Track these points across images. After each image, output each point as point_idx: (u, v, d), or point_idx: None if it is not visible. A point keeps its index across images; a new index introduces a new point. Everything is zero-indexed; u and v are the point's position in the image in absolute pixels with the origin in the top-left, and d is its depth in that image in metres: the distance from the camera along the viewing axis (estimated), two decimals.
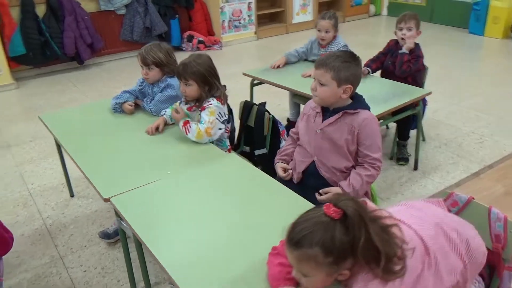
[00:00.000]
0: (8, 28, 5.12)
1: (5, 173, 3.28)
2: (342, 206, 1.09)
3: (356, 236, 1.07)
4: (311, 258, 1.09)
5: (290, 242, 1.12)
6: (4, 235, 1.77)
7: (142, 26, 5.86)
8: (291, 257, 1.14)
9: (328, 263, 1.09)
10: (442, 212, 1.38)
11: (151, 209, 1.70)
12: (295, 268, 1.16)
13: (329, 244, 1.07)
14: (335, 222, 1.08)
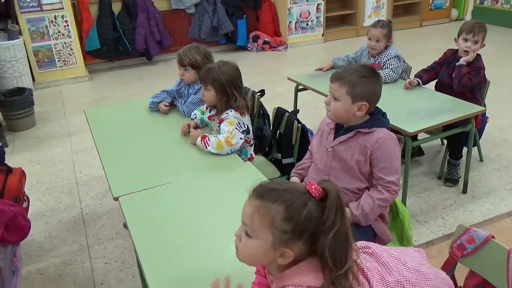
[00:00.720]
0: (86, 24, 5.50)
1: (60, 160, 3.52)
2: (325, 187, 0.99)
3: (329, 223, 0.97)
4: (267, 214, 0.98)
5: (255, 191, 1.03)
6: (21, 223, 1.89)
7: (210, 25, 5.99)
8: (247, 208, 1.03)
9: (282, 231, 0.97)
10: (414, 267, 1.21)
11: (153, 212, 1.72)
12: (244, 220, 1.04)
13: (295, 210, 0.97)
14: (311, 197, 0.98)
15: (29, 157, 3.62)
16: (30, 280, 2.29)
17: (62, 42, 5.24)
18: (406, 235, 1.96)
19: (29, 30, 5.05)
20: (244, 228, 1.04)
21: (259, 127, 2.85)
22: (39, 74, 5.24)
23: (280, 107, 2.60)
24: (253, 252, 1.03)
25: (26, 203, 2.41)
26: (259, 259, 1.06)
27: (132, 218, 1.69)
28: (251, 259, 1.07)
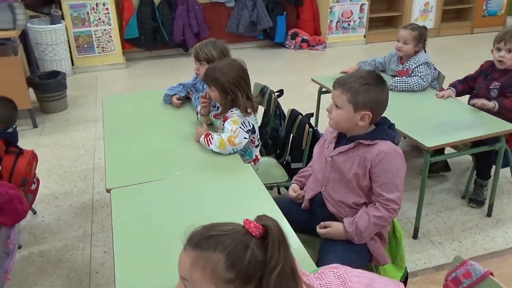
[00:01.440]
0: (127, 13, 5.59)
1: (83, 145, 3.59)
2: (265, 223, 0.92)
3: (273, 262, 0.89)
4: (208, 265, 0.89)
5: (190, 241, 0.93)
6: (16, 206, 1.91)
7: (248, 20, 5.93)
8: (184, 260, 0.93)
9: (226, 280, 0.89)
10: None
11: (140, 209, 1.68)
12: (182, 274, 0.94)
13: (237, 256, 0.89)
14: (252, 238, 0.91)
15: (55, 139, 3.71)
16: (31, 261, 2.33)
17: (102, 29, 5.35)
18: (401, 254, 1.84)
19: (71, 16, 5.19)
20: (184, 284, 0.94)
21: (275, 127, 2.77)
22: (78, 59, 5.38)
23: (295, 109, 2.51)
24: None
25: (35, 186, 2.46)
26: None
27: (118, 212, 1.67)
28: None
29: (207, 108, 2.26)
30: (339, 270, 1.16)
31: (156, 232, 1.56)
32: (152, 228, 1.58)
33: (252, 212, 1.60)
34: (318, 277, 1.12)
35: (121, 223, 1.60)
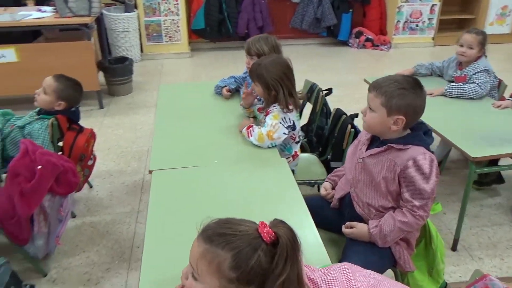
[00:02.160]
0: (196, 4, 5.80)
1: (141, 128, 3.81)
2: (278, 231, 0.96)
3: (278, 270, 0.93)
4: (214, 260, 0.95)
5: (203, 233, 0.99)
6: (70, 179, 2.11)
7: (313, 16, 5.92)
8: (195, 250, 0.99)
9: (228, 279, 0.95)
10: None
11: (177, 191, 1.79)
12: (191, 262, 1.00)
13: (243, 258, 0.93)
14: (262, 243, 0.95)
15: (117, 121, 3.97)
16: (82, 230, 2.55)
17: (170, 19, 5.60)
18: (437, 267, 1.80)
19: (144, 5, 5.47)
20: (191, 270, 1.01)
21: (320, 125, 2.79)
22: (147, 46, 5.68)
23: (339, 109, 2.51)
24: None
25: (91, 161, 2.67)
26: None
27: (156, 193, 1.79)
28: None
29: (247, 100, 2.32)
30: (346, 267, 1.19)
31: (187, 216, 1.65)
32: (184, 211, 1.68)
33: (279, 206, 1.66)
34: (323, 273, 1.16)
35: (157, 204, 1.71)
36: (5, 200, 2.01)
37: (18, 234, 2.03)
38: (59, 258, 2.33)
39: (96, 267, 2.28)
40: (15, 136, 2.43)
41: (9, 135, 2.44)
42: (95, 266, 2.29)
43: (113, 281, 2.20)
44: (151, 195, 1.77)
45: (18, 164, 1.98)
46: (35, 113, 2.47)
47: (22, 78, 3.78)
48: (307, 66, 5.34)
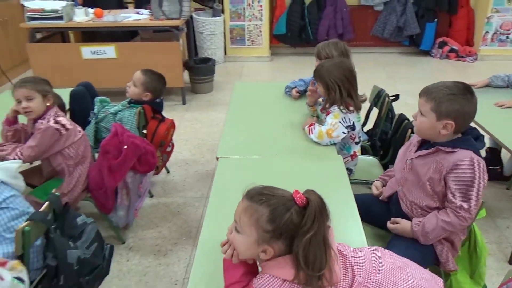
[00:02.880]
0: (279, 10, 6.04)
1: (216, 124, 4.11)
2: (309, 197, 1.13)
3: (306, 228, 1.10)
4: (254, 214, 1.13)
5: (247, 194, 1.18)
6: (149, 160, 2.41)
7: (395, 25, 5.89)
8: (239, 207, 1.18)
9: (265, 230, 1.12)
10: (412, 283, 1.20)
11: (237, 178, 1.99)
12: (235, 217, 1.19)
13: (278, 214, 1.11)
14: (294, 205, 1.12)
15: (197, 115, 4.31)
16: (157, 208, 2.86)
17: (254, 24, 5.89)
18: (480, 270, 1.83)
19: (230, 10, 5.83)
20: (234, 225, 1.20)
21: (385, 130, 2.86)
22: (230, 49, 6.02)
23: (403, 114, 2.57)
24: (240, 246, 1.18)
25: (170, 148, 2.98)
26: (245, 253, 1.19)
27: (220, 177, 2.01)
28: (239, 252, 1.20)
29: (312, 98, 2.47)
30: (377, 249, 1.31)
31: None
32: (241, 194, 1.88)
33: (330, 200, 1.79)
34: (354, 250, 1.29)
35: (219, 188, 1.93)
36: (96, 173, 2.35)
37: (104, 203, 2.36)
38: (135, 230, 2.65)
39: (166, 241, 2.56)
40: (108, 120, 2.80)
41: (103, 120, 2.82)
42: (165, 239, 2.58)
43: (179, 254, 2.46)
44: (216, 179, 1.99)
45: (108, 143, 2.32)
46: (126, 102, 2.82)
47: (119, 72, 4.24)
48: (385, 74, 5.35)
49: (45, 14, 4.16)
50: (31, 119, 2.30)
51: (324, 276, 1.12)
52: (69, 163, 2.32)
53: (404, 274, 1.24)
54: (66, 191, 2.28)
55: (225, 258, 1.28)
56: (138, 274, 2.32)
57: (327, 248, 1.14)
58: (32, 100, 2.22)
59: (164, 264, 2.39)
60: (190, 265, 2.38)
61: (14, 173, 1.78)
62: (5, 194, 1.68)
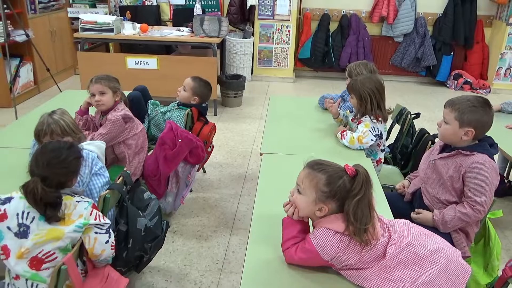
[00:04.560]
0: (305, 35, 6.45)
1: (246, 134, 4.45)
2: (358, 169, 1.45)
3: (355, 192, 1.41)
4: (314, 179, 1.44)
5: (308, 164, 1.49)
6: (199, 153, 2.74)
7: (413, 56, 6.27)
8: (301, 174, 1.49)
9: (322, 191, 1.43)
10: (436, 247, 1.51)
11: (276, 171, 2.30)
12: (298, 181, 1.49)
13: (333, 179, 1.43)
14: (346, 174, 1.44)
15: (227, 126, 4.65)
16: (196, 201, 3.18)
17: (281, 47, 6.30)
18: (492, 263, 2.10)
19: (260, 33, 6.25)
20: (297, 188, 1.52)
21: (406, 144, 3.17)
22: (257, 69, 6.42)
23: (424, 128, 2.89)
24: (301, 204, 1.50)
25: (210, 149, 3.31)
26: (304, 210, 1.50)
27: (265, 171, 2.32)
28: (299, 210, 1.51)
29: (332, 109, 2.82)
30: (407, 221, 1.61)
31: (283, 187, 2.16)
32: (281, 184, 2.18)
33: None
34: (390, 219, 1.60)
35: (265, 180, 2.23)
36: (152, 162, 2.68)
37: (157, 189, 2.68)
38: (178, 217, 2.96)
39: (206, 228, 2.87)
40: (158, 119, 3.15)
41: (154, 118, 3.16)
42: (205, 227, 2.88)
43: (218, 239, 2.76)
44: (261, 171, 2.30)
45: (165, 136, 2.65)
46: (175, 104, 3.17)
47: (159, 82, 4.62)
48: (402, 100, 5.67)
49: (97, 26, 4.59)
50: (101, 111, 2.65)
51: (368, 230, 1.42)
52: (130, 152, 2.65)
53: (430, 239, 1.54)
54: None
55: (284, 219, 1.60)
56: (183, 253, 2.62)
57: (371, 209, 1.45)
58: (104, 95, 2.57)
59: (206, 246, 2.69)
60: (229, 248, 2.68)
61: (102, 150, 2.12)
62: (100, 164, 2.02)
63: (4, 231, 1.52)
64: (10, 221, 1.53)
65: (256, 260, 1.62)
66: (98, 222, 1.68)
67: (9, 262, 1.53)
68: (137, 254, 2.09)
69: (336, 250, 1.44)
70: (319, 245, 1.45)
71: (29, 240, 1.53)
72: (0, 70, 4.80)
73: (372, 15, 6.28)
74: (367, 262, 1.45)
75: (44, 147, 1.67)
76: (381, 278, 1.45)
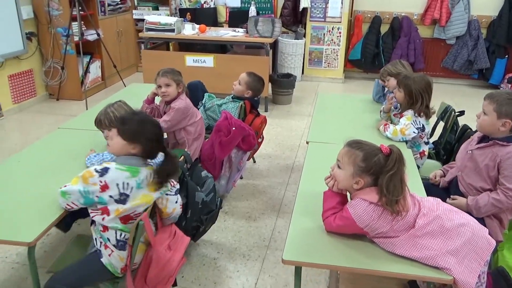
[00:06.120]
0: (356, 37, 6.59)
1: (295, 129, 4.68)
2: (392, 148, 1.66)
3: (388, 168, 1.61)
4: (352, 155, 1.66)
5: (349, 142, 1.72)
6: (251, 140, 3.00)
7: (466, 59, 6.23)
8: (341, 151, 1.71)
9: (359, 166, 1.65)
10: (461, 222, 1.66)
11: (320, 159, 2.49)
12: (338, 157, 1.72)
13: (369, 156, 1.64)
14: (381, 152, 1.65)
15: (277, 122, 4.89)
16: (246, 187, 3.44)
17: (331, 48, 6.47)
18: None
19: (311, 35, 6.45)
20: (337, 163, 1.74)
21: (449, 141, 3.27)
22: (307, 69, 6.62)
23: (466, 124, 2.99)
24: (340, 177, 1.72)
25: (261, 139, 3.56)
26: (343, 183, 1.72)
27: (310, 157, 2.54)
28: (339, 182, 1.73)
29: (390, 106, 2.96)
30: (437, 198, 1.78)
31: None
32: (325, 170, 2.39)
33: None
34: (420, 196, 1.77)
35: (309, 168, 2.44)
36: (208, 147, 2.97)
37: (212, 171, 2.96)
38: (230, 200, 3.23)
39: (255, 210, 3.12)
40: (214, 110, 3.44)
41: (210, 109, 3.46)
42: (254, 209, 3.13)
43: (266, 221, 3.00)
44: (307, 159, 2.52)
45: (221, 124, 2.94)
46: (230, 97, 3.45)
47: (215, 79, 4.93)
48: (452, 103, 5.64)
49: (161, 26, 4.98)
50: (165, 101, 2.97)
51: (399, 202, 1.61)
52: (189, 138, 2.95)
53: (458, 215, 1.70)
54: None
55: (325, 192, 1.82)
56: (233, 231, 2.88)
57: (403, 184, 1.64)
58: (169, 87, 2.88)
59: (254, 226, 2.94)
60: (275, 229, 2.92)
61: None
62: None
63: (106, 198, 1.80)
64: (111, 190, 1.79)
65: (299, 228, 1.85)
66: (172, 187, 1.96)
67: (105, 219, 1.83)
68: (194, 225, 2.37)
69: (370, 218, 1.64)
70: (355, 213, 1.65)
71: (127, 204, 1.81)
72: (74, 66, 5.32)
73: (424, 17, 6.32)
74: (398, 231, 1.64)
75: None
76: (410, 245, 1.63)
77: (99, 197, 1.80)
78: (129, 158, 1.86)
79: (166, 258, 1.91)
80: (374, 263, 1.65)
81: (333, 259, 1.68)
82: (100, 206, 1.82)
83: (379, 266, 1.64)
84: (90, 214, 1.86)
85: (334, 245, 1.75)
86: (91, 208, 1.85)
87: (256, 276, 2.48)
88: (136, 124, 1.87)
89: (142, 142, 1.86)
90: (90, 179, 1.78)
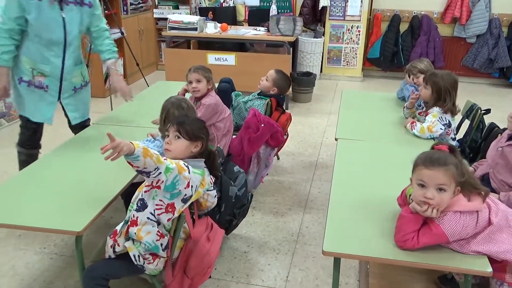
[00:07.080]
0: (374, 36, 6.60)
1: (316, 127, 4.71)
2: (443, 144, 1.70)
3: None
4: (448, 171, 1.57)
5: (433, 162, 1.59)
6: (279, 137, 3.05)
7: (486, 57, 6.21)
8: (431, 175, 1.58)
9: (457, 179, 1.58)
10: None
11: (350, 156, 2.55)
12: (432, 185, 1.59)
13: (456, 164, 1.60)
14: (450, 154, 1.65)
15: (298, 120, 4.93)
16: (272, 183, 3.49)
17: (350, 47, 6.49)
18: None
19: (330, 33, 6.47)
20: (436, 187, 1.59)
21: (475, 139, 3.28)
22: (326, 68, 6.65)
23: (493, 123, 3.00)
24: (445, 200, 1.60)
25: (286, 137, 3.61)
26: (446, 203, 1.61)
27: (340, 155, 2.57)
28: (442, 206, 1.61)
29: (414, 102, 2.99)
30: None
31: (357, 168, 2.42)
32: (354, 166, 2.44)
33: None
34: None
35: (341, 163, 2.48)
36: (237, 144, 3.03)
37: (240, 167, 3.01)
38: (257, 196, 3.29)
39: (282, 206, 3.17)
40: (240, 108, 3.50)
41: (236, 108, 3.52)
42: (280, 205, 3.18)
43: (293, 216, 3.05)
44: (337, 155, 2.55)
45: (250, 120, 2.99)
46: (256, 94, 3.51)
47: (236, 77, 4.90)
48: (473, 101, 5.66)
49: (183, 25, 5.06)
50: (195, 97, 3.03)
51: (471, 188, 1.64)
52: (218, 134, 3.01)
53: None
54: None
55: (404, 214, 1.70)
56: (262, 225, 2.94)
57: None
58: (200, 83, 2.95)
59: (282, 221, 2.99)
60: (303, 224, 2.97)
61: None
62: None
63: (182, 195, 1.82)
64: (189, 190, 1.82)
65: (336, 221, 1.89)
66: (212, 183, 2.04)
67: (170, 219, 1.86)
68: (227, 218, 2.43)
69: (462, 229, 1.60)
70: (450, 229, 1.60)
71: (187, 203, 1.88)
72: (98, 64, 5.41)
73: (444, 15, 6.31)
74: (478, 232, 1.63)
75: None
76: (486, 241, 1.63)
77: (181, 191, 1.81)
78: (198, 161, 1.96)
79: (206, 249, 1.97)
80: (417, 256, 1.65)
81: (373, 251, 1.71)
82: (168, 201, 1.82)
83: (423, 259, 1.64)
84: (155, 214, 1.82)
85: (373, 237, 1.78)
86: (158, 205, 1.82)
87: (287, 269, 2.53)
88: (194, 122, 1.97)
89: (203, 139, 1.97)
90: (184, 173, 1.80)
